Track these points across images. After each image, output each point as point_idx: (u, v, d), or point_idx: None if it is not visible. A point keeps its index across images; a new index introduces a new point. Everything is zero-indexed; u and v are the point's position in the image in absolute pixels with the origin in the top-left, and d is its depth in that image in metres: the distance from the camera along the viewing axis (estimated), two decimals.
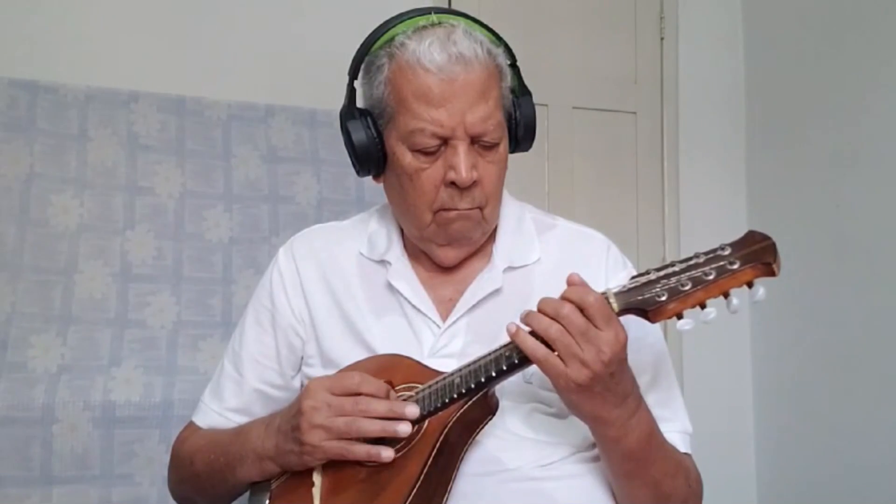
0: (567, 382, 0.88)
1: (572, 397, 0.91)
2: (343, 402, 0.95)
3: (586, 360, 0.87)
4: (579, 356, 0.87)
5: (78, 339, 1.83)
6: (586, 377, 0.87)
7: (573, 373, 0.88)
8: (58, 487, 1.73)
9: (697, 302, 0.89)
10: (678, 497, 1.02)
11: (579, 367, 0.87)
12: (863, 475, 2.26)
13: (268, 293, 1.16)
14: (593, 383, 0.88)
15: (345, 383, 0.96)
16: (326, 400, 0.95)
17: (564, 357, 0.88)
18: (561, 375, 0.88)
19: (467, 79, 1.00)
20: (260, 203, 2.08)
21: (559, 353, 0.88)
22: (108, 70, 2.03)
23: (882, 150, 2.27)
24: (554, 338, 0.88)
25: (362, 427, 0.94)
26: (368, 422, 0.93)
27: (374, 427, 0.93)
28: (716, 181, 2.77)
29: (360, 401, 0.94)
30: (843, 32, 2.41)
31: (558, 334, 0.88)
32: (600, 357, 0.87)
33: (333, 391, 0.96)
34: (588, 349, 0.87)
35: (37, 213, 1.86)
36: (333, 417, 0.94)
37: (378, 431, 0.93)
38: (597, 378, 0.88)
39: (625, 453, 0.96)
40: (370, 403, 0.94)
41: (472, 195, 1.03)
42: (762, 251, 0.88)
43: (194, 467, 1.11)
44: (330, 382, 0.98)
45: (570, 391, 0.89)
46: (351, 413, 0.94)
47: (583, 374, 0.87)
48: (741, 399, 2.72)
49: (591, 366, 0.87)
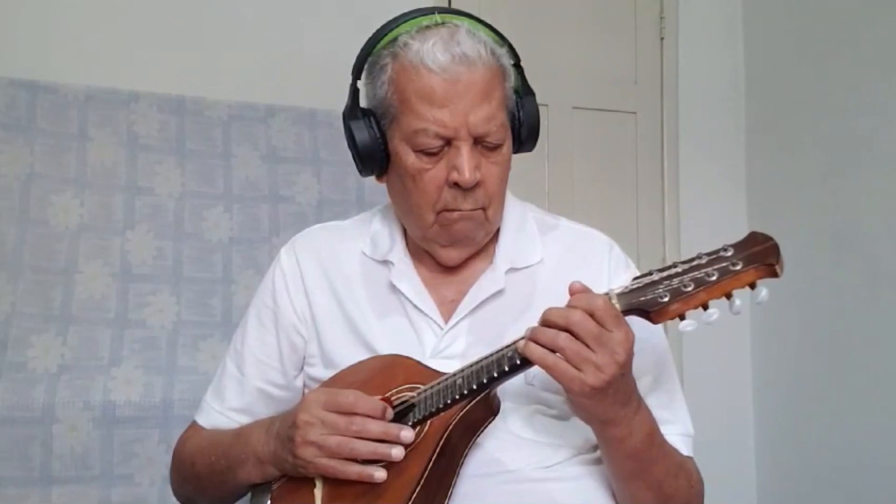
0: (582, 387, 0.88)
1: (585, 401, 0.90)
2: (337, 420, 0.94)
3: (601, 364, 0.87)
4: (594, 361, 0.87)
5: (78, 339, 1.83)
6: (602, 381, 0.87)
7: (589, 378, 0.87)
8: (57, 487, 1.73)
9: (700, 303, 0.88)
10: (680, 498, 1.02)
11: (595, 371, 0.87)
12: (863, 475, 2.26)
13: (270, 292, 1.16)
14: (608, 386, 0.88)
15: (340, 400, 0.95)
16: (321, 416, 0.95)
17: (577, 363, 0.87)
18: (574, 380, 0.88)
19: (471, 79, 0.99)
20: (260, 203, 2.08)
21: (570, 360, 0.88)
22: (108, 70, 2.03)
23: (882, 150, 2.27)
24: (563, 346, 0.88)
25: (354, 448, 0.93)
26: (361, 443, 0.93)
27: (367, 449, 0.93)
28: (716, 181, 2.77)
29: (355, 421, 0.94)
30: (842, 32, 2.41)
31: (567, 342, 0.87)
32: (615, 359, 0.87)
33: (328, 408, 0.95)
34: (602, 353, 0.87)
35: (37, 213, 1.87)
36: (327, 436, 0.94)
37: (370, 454, 0.93)
38: (612, 380, 0.88)
39: (629, 453, 0.96)
40: (364, 424, 0.94)
41: (475, 196, 1.03)
42: (765, 252, 0.88)
43: (196, 468, 1.11)
44: (325, 398, 0.96)
45: (585, 395, 0.89)
46: (344, 433, 0.94)
47: (599, 378, 0.87)
48: (741, 399, 2.72)
49: (607, 369, 0.87)
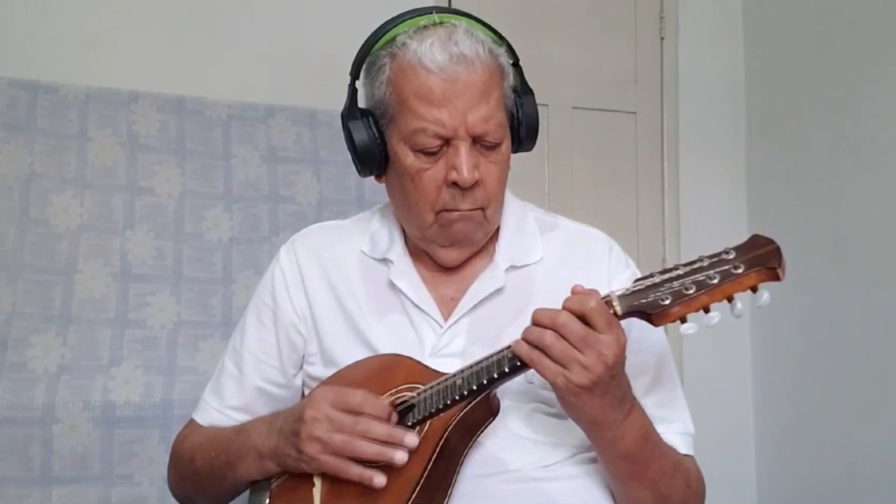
0: (567, 384, 0.88)
1: (572, 400, 0.91)
2: (344, 419, 0.94)
3: (588, 364, 0.88)
4: (580, 360, 0.88)
5: (78, 339, 1.83)
6: (589, 380, 0.88)
7: (575, 376, 0.88)
8: (57, 487, 1.73)
9: (701, 306, 0.88)
10: (677, 497, 1.02)
11: (581, 370, 0.88)
12: (863, 475, 2.26)
13: (269, 291, 1.16)
14: (595, 385, 0.89)
15: (348, 399, 0.96)
16: (328, 413, 0.95)
17: (563, 361, 0.88)
18: (558, 375, 0.89)
19: (469, 78, 0.99)
20: (260, 203, 2.08)
21: (555, 357, 0.89)
22: (108, 70, 2.03)
23: (882, 149, 2.27)
24: (548, 344, 0.89)
25: (358, 448, 0.93)
26: (366, 444, 0.93)
27: (371, 450, 0.93)
28: (716, 181, 2.77)
29: (361, 421, 0.94)
30: (842, 32, 2.41)
31: (552, 340, 0.88)
32: (602, 360, 0.88)
33: (336, 406, 0.95)
34: (589, 353, 0.88)
35: (37, 213, 1.86)
36: (332, 433, 0.94)
37: (374, 455, 0.93)
38: (599, 380, 0.89)
39: (622, 454, 0.97)
40: (370, 425, 0.94)
41: (474, 195, 1.03)
42: (767, 255, 0.88)
43: (194, 465, 1.11)
44: (334, 396, 0.97)
45: (571, 394, 0.89)
46: (350, 432, 0.94)
47: (585, 377, 0.88)
48: (741, 399, 2.72)
49: (594, 368, 0.88)
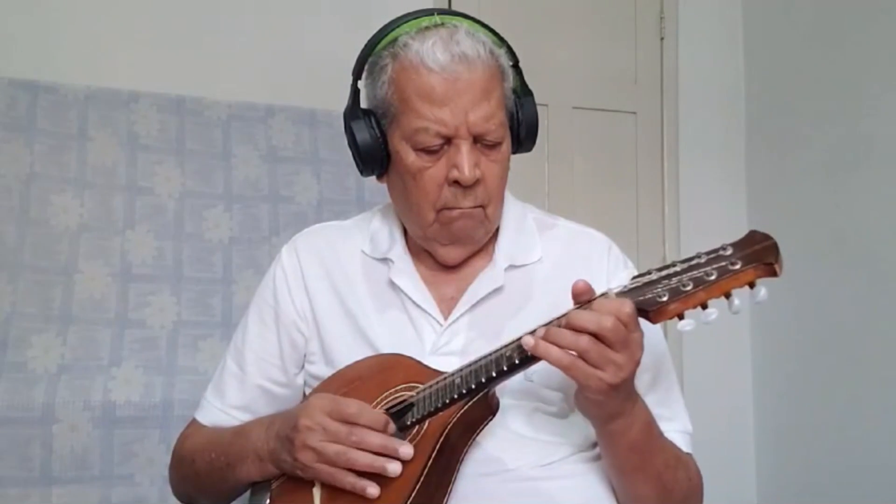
0: (600, 385, 0.89)
1: (600, 398, 0.91)
2: (338, 429, 0.94)
3: (622, 363, 0.88)
4: (615, 361, 0.88)
5: (78, 339, 1.83)
6: (621, 378, 0.89)
7: (608, 376, 0.88)
8: (57, 487, 1.73)
9: (699, 302, 0.88)
10: (679, 491, 1.02)
11: (615, 370, 0.88)
12: (863, 475, 2.26)
13: (271, 290, 1.16)
14: (624, 382, 0.90)
15: (342, 409, 0.95)
16: (322, 423, 0.95)
17: (599, 364, 0.88)
18: (592, 377, 0.88)
19: (470, 78, 1.00)
20: (260, 203, 2.08)
21: (592, 361, 0.88)
22: (108, 70, 2.03)
23: (882, 150, 2.27)
24: (586, 349, 0.88)
25: (352, 458, 0.93)
26: (360, 454, 0.93)
27: (364, 461, 0.93)
28: (716, 181, 2.77)
29: (356, 431, 0.94)
30: (842, 33, 2.41)
31: (590, 345, 0.88)
32: (633, 358, 0.89)
33: (331, 415, 0.95)
34: (624, 353, 0.88)
35: (37, 213, 1.86)
36: (326, 443, 0.94)
37: (367, 466, 0.93)
38: (629, 377, 0.90)
39: (629, 445, 0.97)
40: (365, 435, 0.94)
41: (475, 194, 1.04)
42: (764, 251, 0.88)
43: (195, 465, 1.11)
44: (330, 406, 0.97)
45: (602, 392, 0.90)
46: (344, 442, 0.94)
47: (618, 377, 0.89)
48: (741, 399, 2.72)
49: (626, 367, 0.89)
